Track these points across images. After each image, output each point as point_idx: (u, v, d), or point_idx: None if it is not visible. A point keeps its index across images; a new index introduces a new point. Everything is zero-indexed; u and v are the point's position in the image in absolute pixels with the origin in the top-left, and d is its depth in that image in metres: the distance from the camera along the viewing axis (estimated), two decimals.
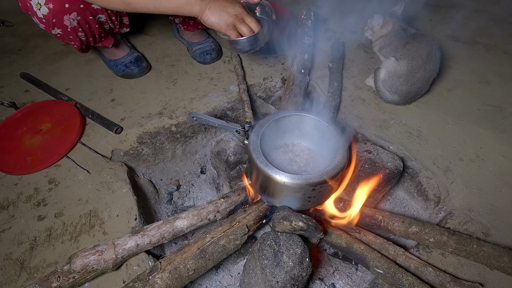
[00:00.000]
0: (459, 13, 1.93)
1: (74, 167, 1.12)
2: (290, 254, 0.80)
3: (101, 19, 1.16)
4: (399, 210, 1.23)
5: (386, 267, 0.89)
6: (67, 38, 1.15)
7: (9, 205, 1.03)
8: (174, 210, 1.23)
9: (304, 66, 1.41)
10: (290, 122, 1.00)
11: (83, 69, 1.49)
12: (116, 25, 1.24)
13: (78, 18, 1.08)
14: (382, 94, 1.34)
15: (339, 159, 0.86)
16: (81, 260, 0.83)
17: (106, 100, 1.35)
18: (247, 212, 0.98)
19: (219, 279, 1.05)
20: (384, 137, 1.25)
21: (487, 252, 0.89)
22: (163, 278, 0.81)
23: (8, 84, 1.43)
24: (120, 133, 1.23)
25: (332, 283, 1.03)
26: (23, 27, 1.74)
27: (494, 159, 1.16)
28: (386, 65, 1.30)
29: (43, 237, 0.96)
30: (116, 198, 1.05)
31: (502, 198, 1.06)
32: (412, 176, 1.20)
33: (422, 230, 0.95)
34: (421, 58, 1.21)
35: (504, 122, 1.28)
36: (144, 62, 1.45)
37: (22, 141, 1.18)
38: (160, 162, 1.32)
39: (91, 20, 1.12)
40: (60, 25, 1.08)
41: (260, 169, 0.84)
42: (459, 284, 0.85)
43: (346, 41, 1.67)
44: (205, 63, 1.51)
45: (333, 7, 1.96)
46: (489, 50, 1.64)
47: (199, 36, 1.55)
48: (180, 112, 1.30)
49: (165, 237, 0.91)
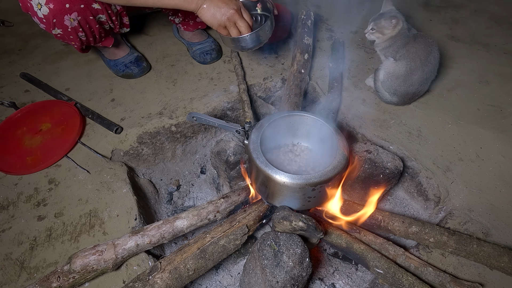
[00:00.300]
0: (459, 13, 1.93)
1: (74, 167, 1.12)
2: (290, 254, 0.80)
3: (102, 19, 1.16)
4: (399, 210, 1.23)
5: (386, 267, 0.89)
6: (67, 38, 1.15)
7: (9, 205, 1.03)
8: (174, 210, 1.23)
9: (304, 66, 1.41)
10: (290, 122, 1.00)
11: (83, 69, 1.49)
12: (116, 25, 1.24)
13: (79, 18, 1.08)
14: (381, 95, 1.34)
15: (339, 159, 0.86)
16: (81, 260, 0.83)
17: (106, 100, 1.35)
18: (247, 212, 0.98)
19: (219, 279, 1.05)
20: (384, 137, 1.25)
21: (487, 252, 0.89)
22: (163, 278, 0.81)
23: (8, 84, 1.43)
24: (120, 133, 1.23)
25: (332, 283, 1.03)
26: (23, 27, 1.74)
27: (494, 159, 1.16)
28: (385, 66, 1.30)
29: (43, 237, 0.96)
30: (116, 198, 1.05)
31: (502, 198, 1.06)
32: (412, 176, 1.20)
33: (422, 230, 0.95)
34: (420, 59, 1.21)
35: (504, 122, 1.28)
36: (144, 62, 1.45)
37: (22, 141, 1.18)
38: (160, 162, 1.32)
39: (92, 20, 1.12)
40: (60, 25, 1.08)
41: (260, 169, 0.84)
42: (459, 284, 0.85)
43: (346, 41, 1.67)
44: (205, 63, 1.51)
45: (333, 7, 1.96)
46: (489, 50, 1.64)
47: (199, 36, 1.55)
48: (180, 112, 1.30)
49: (165, 237, 0.91)
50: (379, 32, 1.26)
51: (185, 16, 1.47)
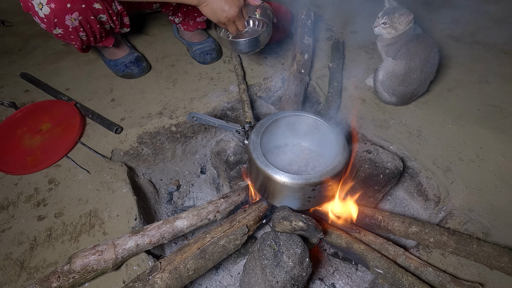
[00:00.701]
0: (459, 13, 1.93)
1: (74, 167, 1.12)
2: (290, 254, 0.80)
3: (102, 19, 1.17)
4: (399, 210, 1.23)
5: (386, 267, 0.89)
6: (68, 38, 1.15)
7: (9, 205, 1.03)
8: (174, 210, 1.23)
9: (304, 66, 1.41)
10: (290, 122, 1.00)
11: (83, 69, 1.49)
12: (117, 25, 1.24)
13: (80, 18, 1.08)
14: (380, 95, 1.34)
15: (339, 159, 0.86)
16: (81, 260, 0.83)
17: (106, 100, 1.35)
18: (247, 212, 0.98)
19: (219, 279, 1.05)
20: (384, 137, 1.25)
21: (487, 252, 0.89)
22: (163, 278, 0.81)
23: (8, 84, 1.43)
24: (120, 133, 1.23)
25: (332, 283, 1.03)
26: (23, 27, 1.74)
27: (494, 159, 1.16)
28: (384, 66, 1.30)
29: (43, 237, 0.96)
30: (116, 198, 1.05)
31: (502, 198, 1.06)
32: (412, 176, 1.20)
33: (422, 230, 0.95)
34: (419, 59, 1.21)
35: (504, 122, 1.28)
36: (144, 62, 1.45)
37: (22, 141, 1.18)
38: (160, 162, 1.32)
39: (93, 20, 1.13)
40: (61, 25, 1.08)
41: (260, 169, 0.84)
42: (459, 284, 0.85)
43: (346, 41, 1.67)
44: (205, 63, 1.51)
45: (333, 7, 1.96)
46: (489, 50, 1.64)
47: (199, 36, 1.55)
48: (180, 112, 1.30)
49: (165, 237, 0.91)
50: (393, 27, 1.21)
51: (185, 16, 1.47)
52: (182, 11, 1.44)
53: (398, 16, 1.19)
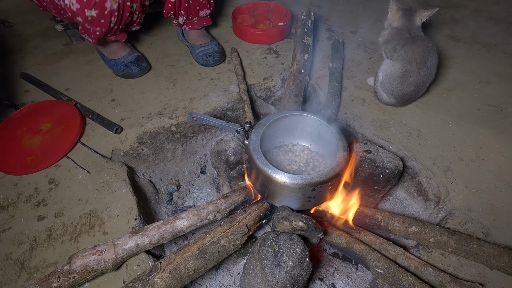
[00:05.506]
0: (459, 13, 1.94)
1: (74, 167, 1.12)
2: (290, 254, 0.80)
3: (133, 9, 1.18)
4: (399, 210, 1.23)
5: (386, 267, 0.89)
6: (97, 22, 1.12)
7: (9, 205, 1.03)
8: (174, 210, 1.23)
9: (304, 66, 1.41)
10: (290, 122, 1.00)
11: (83, 69, 1.49)
12: (138, 18, 1.27)
13: (119, 1, 1.09)
14: (379, 96, 1.34)
15: (339, 159, 0.86)
16: (81, 260, 0.83)
17: (106, 100, 1.35)
18: (247, 212, 0.98)
19: (219, 279, 1.05)
20: (384, 137, 1.25)
21: (487, 252, 0.89)
22: (163, 278, 0.81)
23: (8, 84, 1.43)
24: (120, 133, 1.23)
25: (332, 283, 1.03)
26: (23, 27, 1.74)
27: (494, 159, 1.16)
28: (383, 67, 1.31)
29: (43, 237, 0.96)
30: (116, 198, 1.05)
31: (502, 198, 1.06)
32: (412, 176, 1.20)
33: (422, 230, 0.95)
34: (416, 62, 1.21)
35: (504, 122, 1.28)
36: (144, 62, 1.44)
37: (22, 141, 1.18)
38: (160, 162, 1.32)
39: (127, 7, 1.15)
40: (100, 6, 1.06)
41: (260, 169, 0.84)
42: (459, 284, 0.85)
43: (346, 41, 1.67)
44: (208, 66, 1.50)
45: (333, 7, 1.96)
46: (489, 50, 1.64)
47: (203, 38, 1.55)
48: (180, 112, 1.30)
49: (165, 237, 0.91)
50: (390, 9, 1.35)
51: (188, 12, 1.45)
52: (184, 7, 1.43)
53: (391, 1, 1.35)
